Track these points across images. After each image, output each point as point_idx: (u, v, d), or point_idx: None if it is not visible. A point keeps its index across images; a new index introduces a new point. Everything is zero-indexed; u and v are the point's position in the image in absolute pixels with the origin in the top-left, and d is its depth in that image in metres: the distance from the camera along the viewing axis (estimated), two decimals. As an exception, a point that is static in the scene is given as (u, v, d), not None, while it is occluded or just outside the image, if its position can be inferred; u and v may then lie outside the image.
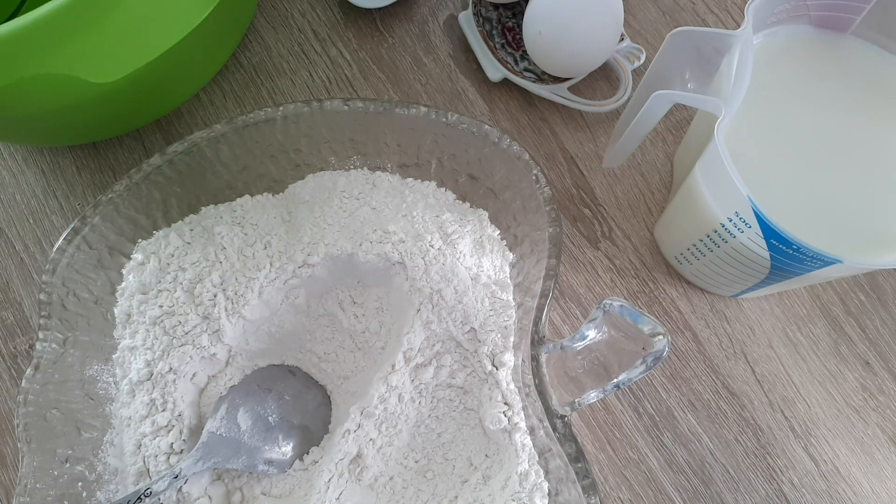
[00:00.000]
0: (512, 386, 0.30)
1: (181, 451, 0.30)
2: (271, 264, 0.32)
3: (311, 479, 0.31)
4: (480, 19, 0.41)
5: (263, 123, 0.32)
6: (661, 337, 0.26)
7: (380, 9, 0.43)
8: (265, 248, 0.32)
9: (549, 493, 0.28)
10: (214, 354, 0.32)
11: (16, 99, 0.30)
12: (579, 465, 0.25)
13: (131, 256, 0.33)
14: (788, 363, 0.37)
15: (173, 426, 0.31)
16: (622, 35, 0.40)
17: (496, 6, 0.42)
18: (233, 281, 0.32)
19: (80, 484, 0.30)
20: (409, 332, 0.31)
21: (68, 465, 0.29)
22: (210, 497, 0.31)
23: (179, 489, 0.30)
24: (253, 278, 0.32)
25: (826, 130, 0.30)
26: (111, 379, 0.32)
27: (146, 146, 0.41)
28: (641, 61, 0.41)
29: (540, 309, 0.28)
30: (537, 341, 0.27)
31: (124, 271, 0.33)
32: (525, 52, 0.40)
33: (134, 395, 0.31)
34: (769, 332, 0.38)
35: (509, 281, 0.32)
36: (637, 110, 0.31)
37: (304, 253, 0.32)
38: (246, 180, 0.35)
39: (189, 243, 0.33)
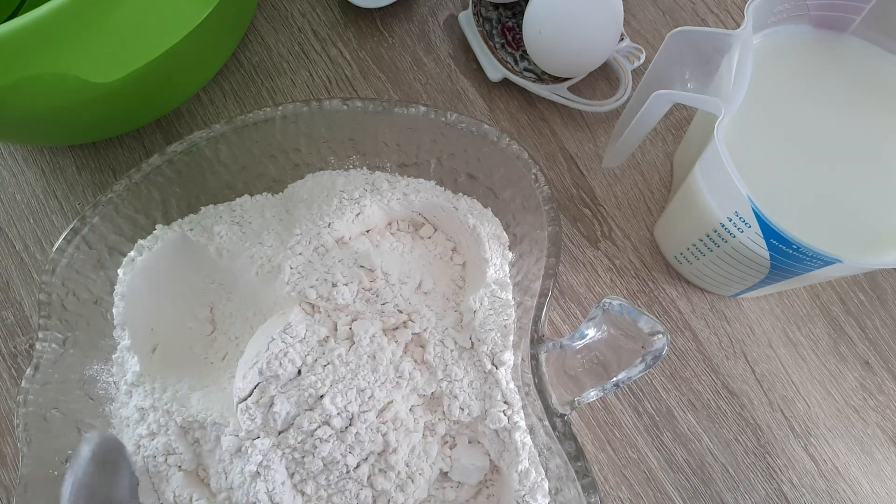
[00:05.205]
0: (512, 385, 0.30)
1: (179, 452, 0.30)
2: None
3: None
4: (480, 19, 0.41)
5: (263, 123, 0.32)
6: (660, 336, 0.26)
7: (380, 9, 0.43)
8: (260, 243, 0.32)
9: (549, 492, 0.28)
10: None
11: (16, 99, 0.30)
12: (579, 464, 0.25)
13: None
14: (788, 363, 0.37)
15: (169, 427, 0.31)
16: (622, 35, 0.40)
17: (496, 6, 0.42)
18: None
19: (79, 483, 0.30)
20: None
21: (68, 465, 0.29)
22: (207, 499, 0.31)
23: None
24: None
25: (826, 130, 0.30)
26: (111, 379, 0.32)
27: (146, 146, 0.41)
28: (641, 61, 0.41)
29: (539, 308, 0.28)
30: (537, 340, 0.27)
31: (124, 271, 0.33)
32: (525, 52, 0.40)
33: (131, 396, 0.31)
34: (769, 332, 0.38)
35: (509, 280, 0.32)
36: (637, 110, 0.31)
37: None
38: (245, 180, 0.35)
39: (189, 243, 0.33)
